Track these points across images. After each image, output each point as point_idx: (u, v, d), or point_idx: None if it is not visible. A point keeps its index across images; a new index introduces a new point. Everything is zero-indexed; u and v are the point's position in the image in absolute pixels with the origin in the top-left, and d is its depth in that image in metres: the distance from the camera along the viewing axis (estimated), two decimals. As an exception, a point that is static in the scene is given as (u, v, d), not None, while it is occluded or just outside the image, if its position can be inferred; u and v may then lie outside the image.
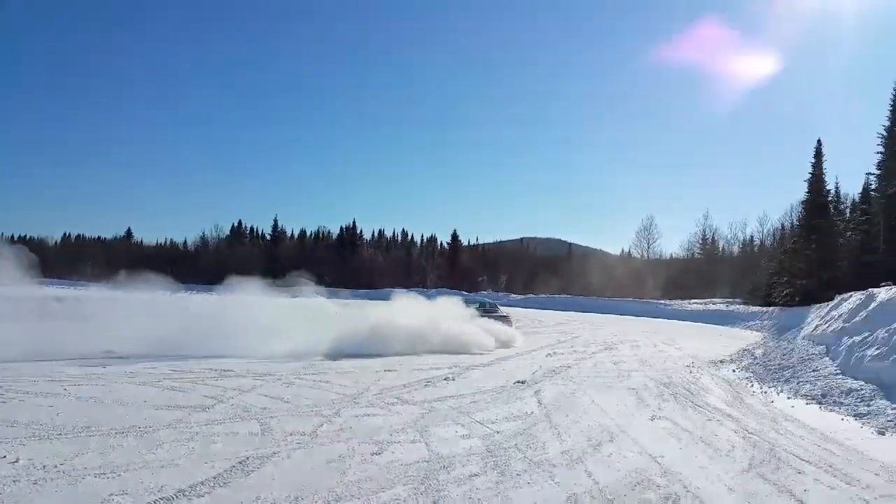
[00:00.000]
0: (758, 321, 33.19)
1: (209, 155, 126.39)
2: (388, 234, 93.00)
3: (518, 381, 11.51)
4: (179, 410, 8.11)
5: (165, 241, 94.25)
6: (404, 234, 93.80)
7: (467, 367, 13.32)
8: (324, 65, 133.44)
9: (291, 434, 7.07)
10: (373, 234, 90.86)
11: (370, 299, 44.26)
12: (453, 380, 11.51)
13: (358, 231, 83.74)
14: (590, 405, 9.60)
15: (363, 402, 9.08)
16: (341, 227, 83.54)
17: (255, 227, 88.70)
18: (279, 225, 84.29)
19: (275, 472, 5.66)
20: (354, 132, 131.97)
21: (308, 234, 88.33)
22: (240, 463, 5.86)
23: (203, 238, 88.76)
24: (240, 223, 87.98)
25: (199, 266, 71.31)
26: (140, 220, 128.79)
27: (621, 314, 43.63)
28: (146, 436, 6.75)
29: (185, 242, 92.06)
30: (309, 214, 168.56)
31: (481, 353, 16.63)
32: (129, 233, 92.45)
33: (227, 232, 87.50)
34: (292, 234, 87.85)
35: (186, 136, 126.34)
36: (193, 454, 6.13)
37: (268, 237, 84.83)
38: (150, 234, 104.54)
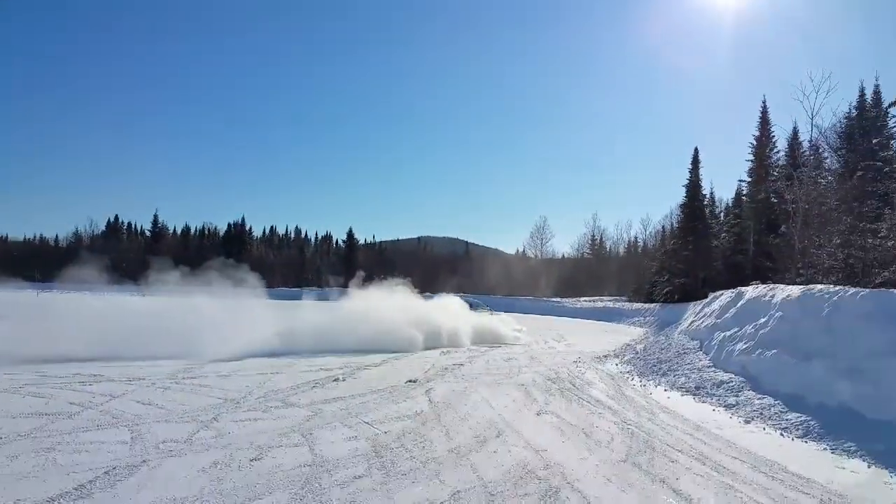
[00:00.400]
0: (641, 317, 34.84)
1: (80, 146, 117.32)
2: (281, 231, 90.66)
3: (409, 381, 11.47)
4: (40, 418, 7.57)
5: (34, 237, 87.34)
6: (297, 231, 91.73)
7: (358, 367, 13.12)
8: (205, 52, 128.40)
9: (164, 441, 6.73)
10: (263, 232, 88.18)
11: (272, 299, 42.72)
12: (343, 380, 11.31)
13: (247, 228, 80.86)
14: (480, 402, 9.68)
15: (245, 407, 8.74)
16: (229, 224, 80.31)
17: (133, 223, 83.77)
18: (160, 220, 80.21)
19: (143, 482, 5.33)
20: (244, 125, 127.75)
21: (193, 230, 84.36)
22: (105, 473, 5.50)
23: (77, 234, 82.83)
24: (116, 218, 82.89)
25: (72, 263, 66.56)
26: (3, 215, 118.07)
27: (516, 312, 44.59)
28: (1, 447, 6.25)
29: (57, 238, 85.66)
30: (194, 210, 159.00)
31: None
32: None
33: (103, 227, 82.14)
34: (175, 230, 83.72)
35: (55, 125, 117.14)
36: (54, 465, 5.73)
37: (147, 233, 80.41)
38: (16, 230, 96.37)
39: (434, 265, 77.76)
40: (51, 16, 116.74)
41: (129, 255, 66.25)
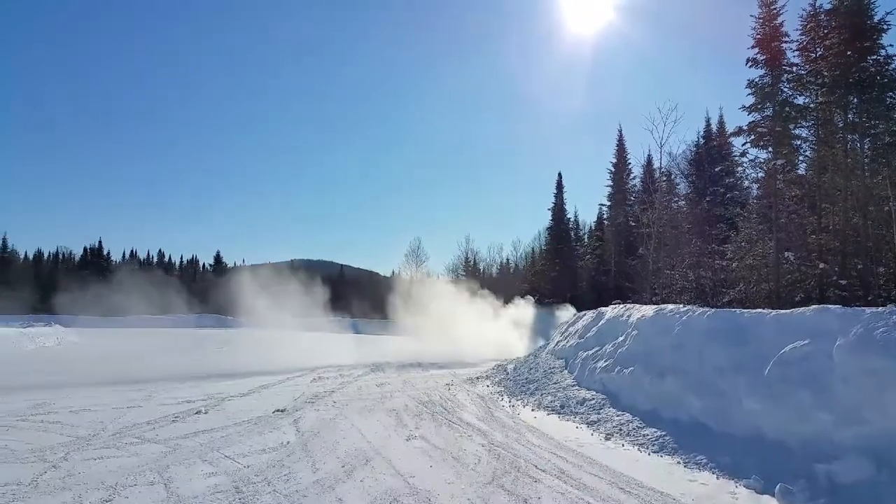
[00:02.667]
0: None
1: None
2: (143, 255, 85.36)
3: (277, 410, 10.99)
4: None
5: None
6: (161, 255, 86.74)
7: (224, 397, 12.41)
8: (52, 58, 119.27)
9: (5, 485, 6.12)
10: (123, 255, 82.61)
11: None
12: (206, 412, 10.66)
13: (105, 252, 75.51)
14: (349, 430, 9.42)
15: (97, 444, 8.07)
16: (85, 248, 74.72)
17: (-24, 246, 75.69)
18: (8, 244, 73.20)
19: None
20: (98, 138, 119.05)
21: (46, 255, 77.67)
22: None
23: None
24: (-47, 240, 74.52)
25: None
26: None
27: (396, 335, 44.52)
28: None
29: None
30: (47, 233, 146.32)
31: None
32: None
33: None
34: (26, 255, 76.71)
35: None
36: None
37: (-7, 257, 73.09)
38: None
39: (309, 287, 76.04)
40: None
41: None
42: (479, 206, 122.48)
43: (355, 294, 65.38)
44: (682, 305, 11.48)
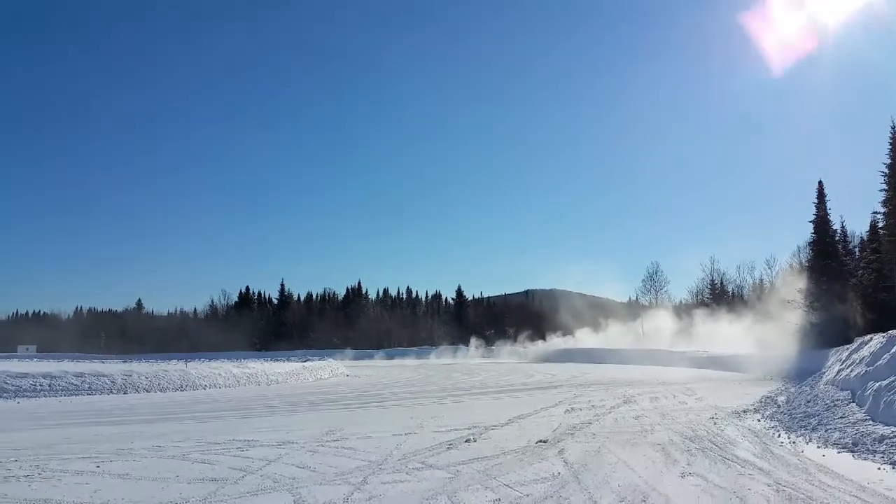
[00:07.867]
0: (774, 366, 32.48)
1: (214, 222, 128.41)
2: (393, 292, 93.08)
3: (540, 441, 11.30)
4: (210, 484, 8.07)
5: (175, 311, 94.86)
6: (409, 291, 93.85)
7: (486, 427, 13.11)
8: (323, 129, 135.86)
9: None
10: (378, 294, 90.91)
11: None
12: (475, 441, 11.34)
13: (363, 291, 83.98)
14: (616, 463, 9.36)
15: (388, 469, 8.96)
16: (347, 288, 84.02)
17: (262, 292, 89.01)
18: (286, 289, 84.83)
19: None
20: (357, 193, 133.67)
21: (314, 296, 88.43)
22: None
23: (212, 306, 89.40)
24: (247, 289, 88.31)
25: (209, 334, 72.91)
26: (150, 291, 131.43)
27: (631, 363, 43.45)
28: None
29: (195, 311, 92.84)
30: (315, 277, 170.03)
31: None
32: (139, 304, 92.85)
33: (235, 298, 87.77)
34: (298, 297, 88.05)
35: (192, 202, 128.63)
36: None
37: (275, 301, 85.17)
38: (159, 305, 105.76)
39: (539, 318, 77.08)
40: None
41: (260, 323, 71.12)
42: (724, 223, 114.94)
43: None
44: None
